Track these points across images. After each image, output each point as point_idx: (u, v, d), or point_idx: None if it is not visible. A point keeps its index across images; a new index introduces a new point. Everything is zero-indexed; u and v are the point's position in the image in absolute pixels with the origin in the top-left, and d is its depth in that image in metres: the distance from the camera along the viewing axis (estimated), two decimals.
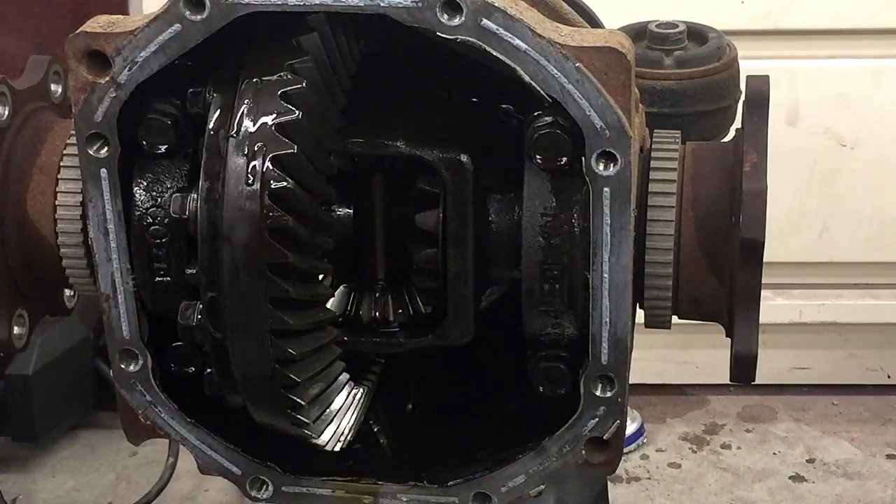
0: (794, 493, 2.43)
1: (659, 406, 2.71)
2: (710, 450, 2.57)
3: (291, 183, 0.90)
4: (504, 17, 0.90)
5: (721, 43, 1.41)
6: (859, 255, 2.61)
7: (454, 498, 1.04)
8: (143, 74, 0.94)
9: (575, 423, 1.01)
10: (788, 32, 2.46)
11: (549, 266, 0.98)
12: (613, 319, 0.97)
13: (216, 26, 0.92)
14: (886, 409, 2.69)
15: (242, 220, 0.90)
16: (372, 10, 0.91)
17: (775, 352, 2.63)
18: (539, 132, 0.95)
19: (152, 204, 1.00)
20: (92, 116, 0.96)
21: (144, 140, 0.99)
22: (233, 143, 0.91)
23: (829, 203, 2.56)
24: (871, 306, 2.66)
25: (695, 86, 1.36)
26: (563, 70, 0.91)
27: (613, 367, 0.99)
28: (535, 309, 1.00)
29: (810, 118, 2.49)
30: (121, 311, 1.02)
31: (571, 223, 0.97)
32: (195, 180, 0.97)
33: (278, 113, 0.91)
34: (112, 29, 0.94)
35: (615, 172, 0.92)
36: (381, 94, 1.03)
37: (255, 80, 0.93)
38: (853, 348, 2.74)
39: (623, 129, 0.91)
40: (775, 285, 2.59)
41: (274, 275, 0.91)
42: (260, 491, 1.07)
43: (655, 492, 2.45)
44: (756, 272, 1.00)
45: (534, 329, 1.01)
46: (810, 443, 2.58)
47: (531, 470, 1.03)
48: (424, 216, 1.00)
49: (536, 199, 0.98)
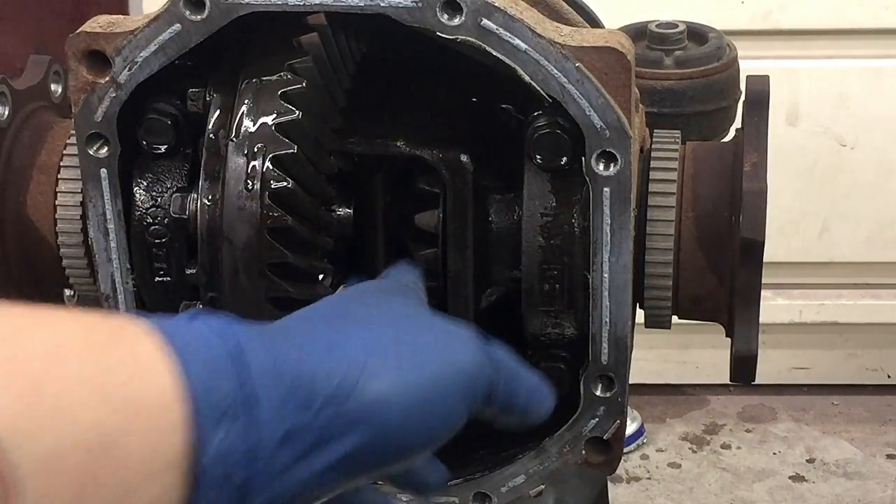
0: (794, 493, 2.43)
1: (659, 406, 2.71)
2: (710, 450, 2.57)
3: (291, 183, 0.90)
4: (504, 17, 0.90)
5: (721, 43, 1.41)
6: (859, 255, 2.61)
7: (454, 498, 1.04)
8: (143, 74, 0.94)
9: (575, 423, 1.01)
10: (788, 32, 2.46)
11: (549, 266, 0.98)
12: (613, 319, 0.97)
13: (216, 26, 0.92)
14: (886, 409, 2.69)
15: (242, 220, 0.90)
16: (372, 10, 0.91)
17: (775, 352, 2.63)
18: (539, 132, 0.95)
19: (152, 204, 1.00)
20: (92, 116, 0.96)
21: (144, 140, 0.99)
22: (233, 143, 0.91)
23: (829, 203, 2.56)
24: (871, 306, 2.66)
25: (695, 86, 1.36)
26: (563, 70, 0.91)
27: (613, 367, 0.99)
28: (535, 309, 1.00)
29: (810, 118, 2.49)
30: (121, 311, 1.02)
31: (571, 223, 0.97)
32: (195, 180, 0.97)
33: (278, 113, 0.91)
34: (112, 29, 0.94)
35: (615, 172, 0.92)
36: (381, 94, 1.03)
37: (255, 80, 0.93)
38: (853, 348, 2.74)
39: (623, 129, 0.91)
40: (775, 285, 2.60)
41: (274, 275, 0.91)
42: None
43: (655, 492, 2.45)
44: (756, 272, 1.00)
45: (534, 329, 1.01)
46: (810, 443, 2.59)
47: (531, 470, 1.03)
48: (424, 216, 1.00)
49: (536, 199, 0.98)
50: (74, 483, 0.58)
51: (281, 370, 0.68)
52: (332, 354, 0.71)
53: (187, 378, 0.63)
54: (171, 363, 0.63)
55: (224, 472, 0.64)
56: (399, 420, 0.71)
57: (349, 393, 0.69)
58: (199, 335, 0.66)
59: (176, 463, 0.63)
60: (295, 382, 0.68)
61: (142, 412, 0.61)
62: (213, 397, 0.64)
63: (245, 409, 0.65)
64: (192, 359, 0.64)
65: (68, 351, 0.60)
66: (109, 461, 0.59)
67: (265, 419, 0.66)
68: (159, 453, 0.62)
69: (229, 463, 0.64)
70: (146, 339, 0.64)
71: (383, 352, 0.72)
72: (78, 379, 0.59)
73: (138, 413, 0.61)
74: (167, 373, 0.63)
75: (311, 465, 0.69)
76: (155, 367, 0.63)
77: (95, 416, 0.59)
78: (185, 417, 0.63)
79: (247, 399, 0.65)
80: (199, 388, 0.63)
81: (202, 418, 0.63)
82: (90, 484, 0.58)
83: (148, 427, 0.61)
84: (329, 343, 0.72)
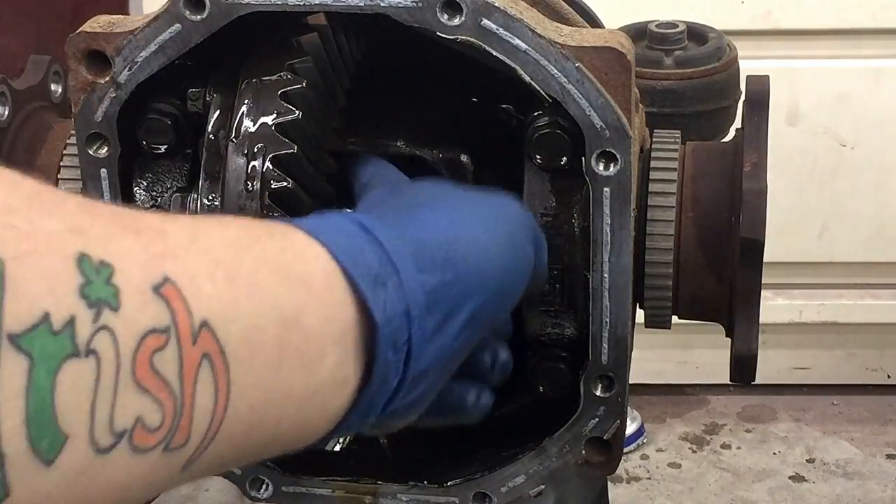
0: (794, 493, 2.43)
1: (659, 406, 2.71)
2: (710, 450, 2.57)
3: (291, 183, 0.90)
4: (504, 17, 0.90)
5: (721, 43, 1.41)
6: (859, 255, 2.61)
7: (454, 498, 1.04)
8: (143, 74, 0.94)
9: (575, 423, 1.01)
10: (788, 32, 2.46)
11: (549, 266, 0.98)
12: (613, 319, 0.97)
13: (216, 26, 0.92)
14: (886, 409, 2.69)
15: None
16: (372, 10, 0.91)
17: (775, 352, 2.63)
18: (539, 132, 0.95)
19: (152, 204, 1.00)
20: (92, 116, 0.96)
21: (144, 140, 0.99)
22: (233, 144, 0.91)
23: (829, 203, 2.56)
24: (871, 306, 2.66)
25: (695, 86, 1.36)
26: (563, 70, 0.91)
27: (613, 367, 0.99)
28: (535, 309, 1.00)
29: (810, 118, 2.49)
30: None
31: (571, 223, 0.97)
32: (195, 180, 0.97)
33: (278, 113, 0.91)
34: (112, 29, 0.94)
35: (615, 172, 0.92)
36: (381, 94, 1.03)
37: (255, 80, 0.93)
38: (853, 348, 2.74)
39: (623, 129, 0.91)
40: (775, 285, 2.60)
41: None
42: (259, 491, 1.07)
43: (655, 492, 2.45)
44: (756, 272, 1.00)
45: (534, 329, 1.01)
46: (810, 443, 2.58)
47: (531, 470, 1.03)
48: None
49: (536, 199, 0.98)
50: (271, 355, 0.65)
51: (405, 239, 0.76)
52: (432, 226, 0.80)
53: (337, 256, 0.71)
54: (320, 246, 0.71)
55: (391, 332, 0.73)
56: (500, 273, 0.82)
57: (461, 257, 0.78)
58: (331, 223, 0.75)
59: (350, 329, 0.71)
60: (417, 249, 0.77)
61: (313, 288, 0.69)
62: (362, 269, 0.72)
63: (390, 275, 0.74)
64: (335, 241, 0.72)
65: (246, 241, 0.67)
66: (296, 332, 0.67)
67: (408, 280, 0.74)
68: (334, 322, 0.70)
69: (394, 323, 0.73)
70: (294, 230, 0.72)
71: (467, 219, 0.83)
72: (261, 261, 0.66)
73: (310, 289, 0.69)
74: (321, 253, 0.71)
75: (450, 325, 0.77)
76: (311, 250, 0.71)
77: (281, 292, 0.66)
78: (347, 288, 0.71)
79: (389, 265, 0.74)
80: (349, 263, 0.71)
81: (362, 286, 0.71)
82: (283, 355, 0.65)
83: (321, 300, 0.69)
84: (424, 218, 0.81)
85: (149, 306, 0.57)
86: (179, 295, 0.59)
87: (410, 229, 0.78)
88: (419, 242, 0.77)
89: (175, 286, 0.59)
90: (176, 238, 0.62)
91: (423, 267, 0.76)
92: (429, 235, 0.78)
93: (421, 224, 0.79)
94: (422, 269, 0.76)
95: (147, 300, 0.57)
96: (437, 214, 0.82)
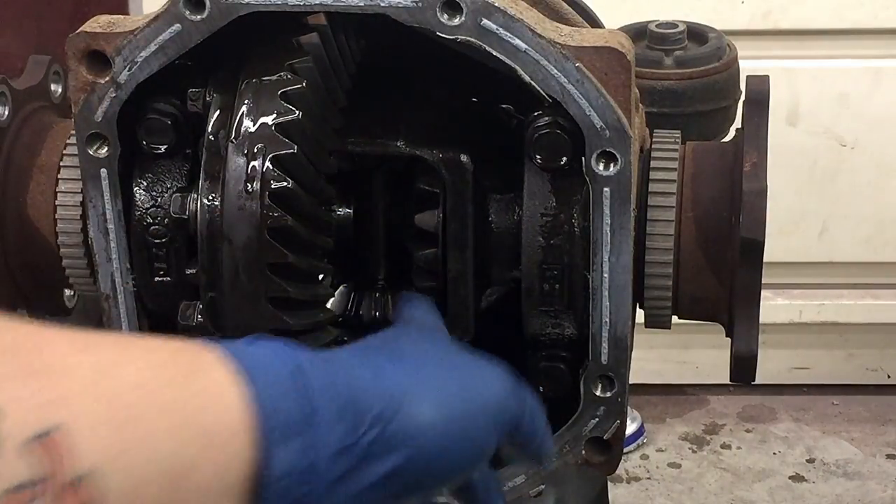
0: (794, 493, 2.43)
1: (659, 406, 2.71)
2: (710, 450, 2.57)
3: (291, 183, 0.90)
4: (504, 17, 0.90)
5: (721, 43, 1.41)
6: (859, 255, 2.61)
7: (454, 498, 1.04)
8: (143, 74, 0.94)
9: (575, 423, 1.01)
10: (788, 32, 2.47)
11: (549, 266, 0.98)
12: (613, 319, 0.97)
13: (216, 26, 0.92)
14: (886, 409, 2.69)
15: (242, 220, 0.90)
16: (372, 10, 0.91)
17: (775, 352, 2.63)
18: (539, 132, 0.95)
19: (152, 204, 1.00)
20: (92, 116, 0.96)
21: (144, 140, 0.99)
22: (233, 144, 0.91)
23: (829, 203, 2.56)
24: (871, 306, 2.66)
25: (695, 86, 1.36)
26: (563, 70, 0.91)
27: (613, 367, 0.99)
28: (535, 309, 1.00)
29: (810, 118, 2.49)
30: (121, 311, 1.02)
31: (571, 223, 0.97)
32: (195, 180, 0.97)
33: (278, 113, 0.91)
34: (112, 29, 0.94)
35: (615, 172, 0.92)
36: (381, 93, 1.03)
37: (255, 80, 0.93)
38: (853, 348, 2.74)
39: (623, 129, 0.91)
40: (775, 285, 2.60)
41: (274, 275, 0.91)
42: None
43: (655, 492, 2.45)
44: (756, 272, 1.00)
45: (534, 329, 1.01)
46: (810, 443, 2.59)
47: (531, 470, 1.03)
48: (424, 216, 1.00)
49: (536, 199, 0.98)
50: None
51: (337, 390, 0.73)
52: (379, 380, 0.77)
53: (256, 402, 0.68)
54: (242, 389, 0.68)
55: (286, 487, 0.69)
56: (436, 444, 0.77)
57: (393, 416, 0.75)
58: (264, 359, 0.72)
59: (243, 482, 0.68)
60: (347, 402, 0.73)
61: (215, 438, 0.66)
62: (278, 418, 0.69)
63: (306, 426, 0.70)
64: (263, 381, 0.69)
65: (155, 383, 0.65)
66: (187, 485, 0.65)
67: (323, 435, 0.71)
68: (229, 474, 0.67)
69: (291, 479, 0.69)
70: (220, 366, 0.69)
71: (424, 382, 0.79)
72: (162, 410, 0.64)
73: (212, 439, 0.66)
74: (238, 399, 0.68)
75: (359, 480, 0.73)
76: (228, 393, 0.68)
77: (175, 445, 0.64)
78: (253, 440, 0.68)
79: (308, 417, 0.71)
80: (267, 410, 0.69)
81: (268, 440, 0.68)
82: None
83: (220, 452, 0.67)
84: (377, 370, 0.78)
85: (23, 458, 0.56)
86: (63, 445, 0.58)
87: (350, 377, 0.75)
88: (352, 393, 0.74)
89: (59, 435, 0.58)
90: (78, 380, 0.61)
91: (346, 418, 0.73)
92: (369, 388, 0.75)
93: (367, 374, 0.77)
94: (344, 420, 0.73)
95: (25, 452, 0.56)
96: (396, 369, 0.79)
